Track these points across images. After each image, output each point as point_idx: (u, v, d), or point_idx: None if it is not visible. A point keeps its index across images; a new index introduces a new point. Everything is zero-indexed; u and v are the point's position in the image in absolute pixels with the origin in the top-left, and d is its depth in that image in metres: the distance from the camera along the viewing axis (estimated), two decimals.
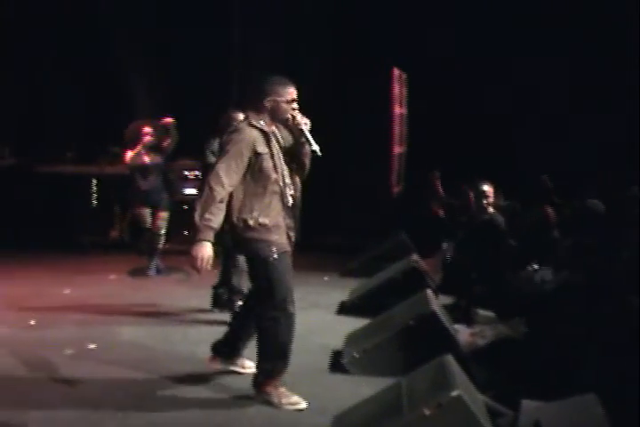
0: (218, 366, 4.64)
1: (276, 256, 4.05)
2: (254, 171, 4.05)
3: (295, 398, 4.16)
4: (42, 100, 10.35)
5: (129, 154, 7.73)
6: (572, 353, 4.19)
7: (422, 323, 4.75)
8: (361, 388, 4.32)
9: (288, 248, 4.16)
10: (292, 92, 4.15)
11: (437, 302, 5.30)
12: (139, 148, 7.68)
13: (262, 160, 4.05)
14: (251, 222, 4.04)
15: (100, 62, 10.03)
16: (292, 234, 4.20)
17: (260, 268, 4.08)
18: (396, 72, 9.58)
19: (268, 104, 4.11)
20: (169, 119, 7.60)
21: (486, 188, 6.55)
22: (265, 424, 3.96)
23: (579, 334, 4.34)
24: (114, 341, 5.45)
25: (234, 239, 4.16)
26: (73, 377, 4.61)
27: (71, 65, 10.04)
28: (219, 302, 6.21)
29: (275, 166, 4.09)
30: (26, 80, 10.26)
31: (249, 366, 4.57)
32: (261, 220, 4.05)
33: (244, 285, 5.57)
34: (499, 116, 9.32)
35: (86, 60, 9.99)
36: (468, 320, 5.80)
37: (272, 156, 4.10)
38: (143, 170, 7.72)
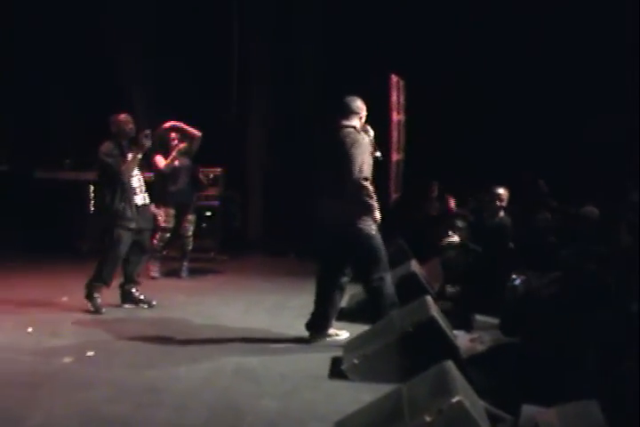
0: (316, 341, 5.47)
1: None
2: None
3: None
4: (41, 106, 10.34)
5: (160, 160, 7.80)
6: (571, 358, 4.19)
7: (421, 329, 4.74)
8: (361, 394, 4.31)
9: None
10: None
11: (436, 308, 5.29)
12: (174, 153, 7.80)
13: None
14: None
15: (102, 69, 10.04)
16: None
17: (371, 241, 5.26)
18: (394, 78, 9.59)
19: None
20: (177, 123, 7.75)
21: (501, 191, 6.60)
22: None
23: (577, 339, 4.34)
24: (113, 348, 5.43)
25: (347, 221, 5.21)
26: (71, 385, 4.60)
27: (72, 70, 10.04)
28: (128, 298, 6.65)
29: None
30: (26, 85, 10.25)
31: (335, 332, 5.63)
32: None
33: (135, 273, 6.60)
34: (498, 122, 9.34)
35: (88, 67, 9.99)
36: (467, 326, 5.79)
37: None
38: (173, 173, 7.82)
